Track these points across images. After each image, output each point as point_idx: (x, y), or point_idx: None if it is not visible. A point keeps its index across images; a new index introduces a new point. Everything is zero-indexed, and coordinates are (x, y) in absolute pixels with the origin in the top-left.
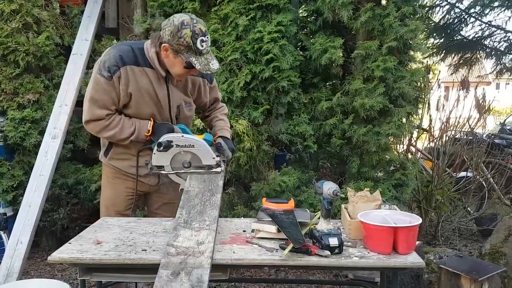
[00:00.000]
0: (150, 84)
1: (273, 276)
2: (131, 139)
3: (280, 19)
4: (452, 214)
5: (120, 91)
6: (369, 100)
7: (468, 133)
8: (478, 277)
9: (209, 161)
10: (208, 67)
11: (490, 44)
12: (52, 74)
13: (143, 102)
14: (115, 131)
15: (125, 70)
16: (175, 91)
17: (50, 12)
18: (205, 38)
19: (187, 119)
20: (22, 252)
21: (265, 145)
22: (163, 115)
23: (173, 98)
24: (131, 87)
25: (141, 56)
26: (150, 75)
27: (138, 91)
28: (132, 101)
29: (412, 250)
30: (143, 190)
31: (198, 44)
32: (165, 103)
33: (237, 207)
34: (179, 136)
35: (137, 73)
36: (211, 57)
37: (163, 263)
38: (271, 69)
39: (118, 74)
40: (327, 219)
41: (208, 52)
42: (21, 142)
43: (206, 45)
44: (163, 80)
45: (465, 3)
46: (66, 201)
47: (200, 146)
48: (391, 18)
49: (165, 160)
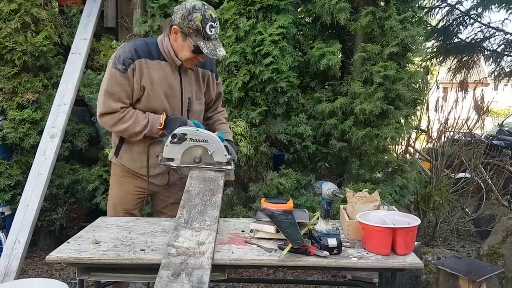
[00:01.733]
0: (162, 76)
1: (271, 276)
2: (144, 132)
3: (281, 22)
4: (450, 215)
5: (134, 84)
6: (368, 105)
7: (466, 134)
8: (476, 278)
9: (221, 158)
10: (215, 52)
11: (489, 46)
12: (50, 73)
13: (155, 95)
14: (129, 123)
15: (140, 63)
16: (187, 83)
17: (49, 11)
18: (214, 24)
19: (198, 114)
20: (20, 252)
21: (263, 146)
22: (175, 108)
23: (185, 89)
24: (144, 80)
25: (155, 50)
26: (163, 68)
27: (150, 84)
28: (144, 94)
29: (411, 251)
30: (152, 190)
31: (207, 29)
32: (178, 95)
33: (236, 207)
34: (194, 129)
35: (150, 66)
36: (218, 44)
37: (164, 263)
38: (270, 71)
39: (133, 67)
40: (326, 219)
41: (216, 39)
42: (20, 142)
43: (215, 31)
44: (177, 72)
45: (465, 4)
46: (64, 200)
47: (214, 142)
48: (392, 21)
49: (176, 153)
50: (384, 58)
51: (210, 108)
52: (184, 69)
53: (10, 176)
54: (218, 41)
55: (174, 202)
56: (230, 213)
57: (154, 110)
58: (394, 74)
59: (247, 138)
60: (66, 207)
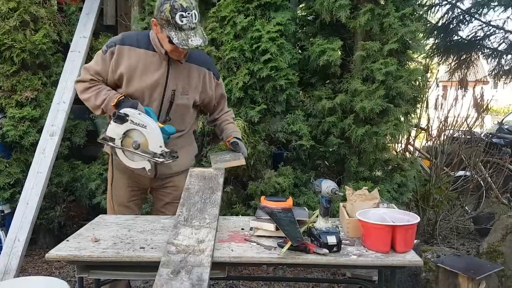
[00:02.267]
0: (145, 65)
1: (271, 274)
2: (102, 107)
3: (279, 19)
4: (450, 213)
5: (110, 66)
6: (368, 103)
7: (466, 132)
8: (475, 276)
9: (155, 148)
10: (186, 42)
11: (489, 44)
12: (50, 72)
13: (133, 82)
14: (91, 94)
15: (121, 49)
16: (174, 75)
17: (48, 9)
18: (185, 14)
19: (182, 109)
20: (20, 250)
21: (261, 144)
22: (154, 98)
23: (170, 81)
24: (122, 66)
25: (144, 39)
26: (149, 57)
27: (128, 70)
28: (124, 80)
29: (410, 249)
30: (144, 183)
31: (177, 19)
32: (160, 86)
33: (236, 205)
34: (136, 112)
35: (133, 54)
36: (193, 34)
37: (163, 261)
38: (269, 68)
39: (112, 50)
40: (326, 217)
41: (191, 29)
42: (20, 140)
43: (187, 21)
44: (166, 63)
45: (465, 2)
46: (63, 198)
47: (152, 130)
48: (391, 18)
49: (117, 134)
50: (384, 55)
51: (216, 110)
52: (174, 62)
53: (9, 174)
54: (194, 31)
55: (171, 202)
56: (230, 211)
57: (134, 95)
58: (394, 70)
59: (245, 138)
60: (65, 205)
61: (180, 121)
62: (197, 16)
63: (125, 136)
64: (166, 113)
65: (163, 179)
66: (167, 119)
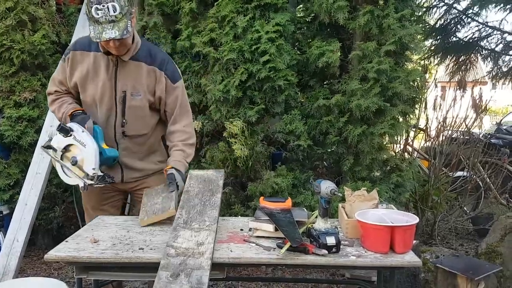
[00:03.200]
0: (96, 69)
1: (270, 274)
2: (62, 120)
3: (278, 20)
4: (448, 214)
5: (67, 72)
6: (364, 101)
7: (464, 133)
8: (474, 277)
9: (88, 169)
10: (99, 35)
11: (486, 45)
12: (49, 72)
13: (87, 85)
14: (55, 107)
15: (73, 55)
16: (123, 76)
17: (47, 10)
18: (100, 6)
19: (137, 111)
20: (19, 251)
21: (259, 145)
22: (108, 101)
23: (119, 82)
24: (76, 74)
25: (95, 42)
26: (98, 59)
27: (80, 77)
28: (79, 84)
29: (409, 249)
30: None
31: (93, 12)
32: (110, 87)
33: (234, 206)
34: (80, 129)
35: (84, 59)
36: (110, 27)
37: (163, 264)
38: (267, 69)
39: (68, 56)
40: (325, 218)
41: (108, 22)
42: (18, 140)
43: (102, 14)
44: (113, 64)
45: (463, 4)
46: (62, 199)
47: (90, 151)
48: (390, 19)
49: (59, 146)
50: (380, 56)
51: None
52: (121, 61)
53: (8, 175)
54: (113, 24)
55: None
56: (228, 212)
57: (89, 99)
58: (387, 68)
59: (242, 139)
60: (64, 206)
61: (139, 124)
62: (117, 9)
63: (66, 150)
64: (122, 115)
65: (135, 181)
66: (124, 122)
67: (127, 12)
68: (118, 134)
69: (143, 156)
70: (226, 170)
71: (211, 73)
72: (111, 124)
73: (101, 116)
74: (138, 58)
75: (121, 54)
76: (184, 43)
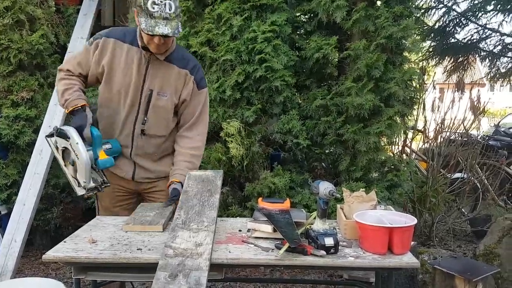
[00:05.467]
0: (128, 61)
1: (268, 275)
2: (63, 106)
3: (274, 19)
4: (446, 215)
5: (93, 57)
6: (358, 99)
7: (462, 135)
8: (472, 278)
9: (79, 179)
10: (152, 28)
11: (485, 47)
12: (47, 73)
13: (115, 75)
14: (61, 88)
15: (105, 41)
16: (153, 75)
17: (45, 10)
18: (157, 1)
19: (161, 111)
20: (16, 251)
21: (256, 146)
22: (133, 96)
23: (148, 80)
24: (105, 59)
25: (131, 35)
26: (132, 53)
27: (110, 64)
28: (106, 71)
29: (407, 251)
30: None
31: (149, 6)
32: (138, 83)
33: (232, 206)
34: (75, 141)
35: (117, 48)
36: (164, 23)
37: (161, 264)
38: (263, 69)
39: (98, 41)
40: (323, 219)
41: (163, 18)
42: (15, 140)
43: (158, 9)
44: (145, 60)
45: (461, 5)
46: (60, 200)
47: (81, 165)
48: (382, 18)
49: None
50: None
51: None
52: (153, 60)
53: (6, 175)
54: (167, 21)
55: None
56: (226, 212)
57: (112, 91)
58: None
59: (238, 139)
60: (62, 207)
61: (159, 125)
62: (172, 7)
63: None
64: (144, 113)
65: (147, 183)
66: (145, 120)
67: (179, 13)
68: (137, 131)
69: (157, 158)
70: (224, 169)
71: (208, 73)
72: (131, 120)
73: (123, 110)
74: (171, 60)
75: (159, 53)
76: (180, 43)
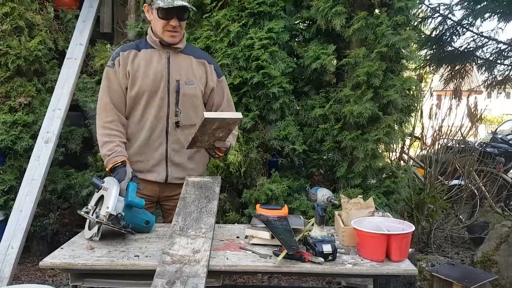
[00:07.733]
0: (148, 61)
1: (266, 282)
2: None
3: (271, 26)
4: (444, 222)
5: (120, 73)
6: (357, 107)
7: (460, 142)
8: (470, 285)
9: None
10: (171, 2)
11: (482, 55)
12: (45, 78)
13: (139, 78)
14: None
15: (123, 55)
16: (175, 66)
17: (44, 16)
18: None
19: (191, 99)
20: (13, 257)
21: (254, 152)
22: (161, 91)
23: (173, 71)
24: (129, 66)
25: (142, 43)
26: (150, 54)
27: (134, 68)
28: (130, 78)
29: (405, 258)
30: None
31: None
32: (163, 77)
33: (230, 213)
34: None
35: (136, 56)
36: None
37: (158, 271)
38: (260, 75)
39: (118, 59)
40: (321, 225)
41: None
42: (13, 145)
43: None
44: (165, 56)
45: (457, 14)
46: (57, 206)
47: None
48: (383, 27)
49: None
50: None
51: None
52: (172, 53)
53: (3, 181)
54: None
55: None
56: (223, 219)
57: (140, 92)
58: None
59: (236, 146)
60: (59, 213)
61: (192, 113)
62: None
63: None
64: (175, 104)
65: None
66: (177, 111)
67: None
68: (171, 125)
69: (192, 154)
70: (222, 176)
71: None
72: (163, 115)
73: (152, 107)
74: (187, 52)
75: (175, 43)
76: None
